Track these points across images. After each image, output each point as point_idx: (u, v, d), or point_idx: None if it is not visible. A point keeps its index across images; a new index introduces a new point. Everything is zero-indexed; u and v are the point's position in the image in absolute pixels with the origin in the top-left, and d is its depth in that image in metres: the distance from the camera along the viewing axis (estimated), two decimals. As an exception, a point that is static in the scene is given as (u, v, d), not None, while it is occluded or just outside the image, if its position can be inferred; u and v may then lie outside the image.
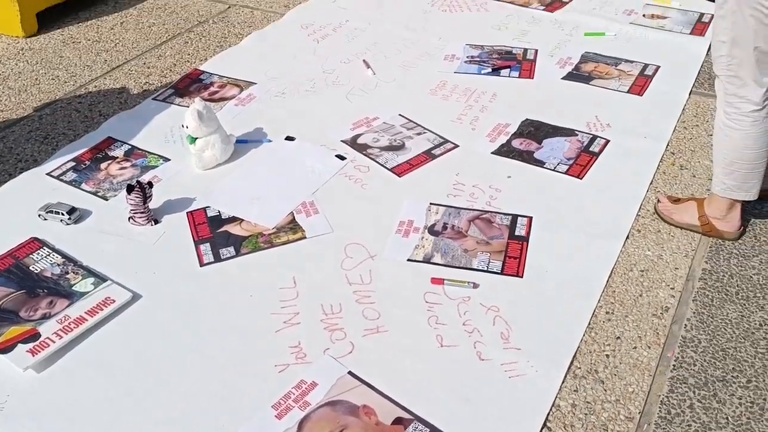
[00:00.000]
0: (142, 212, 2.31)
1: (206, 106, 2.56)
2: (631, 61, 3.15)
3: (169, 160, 2.65)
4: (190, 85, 3.15)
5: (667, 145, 2.64)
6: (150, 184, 2.32)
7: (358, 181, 2.49)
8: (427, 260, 2.15)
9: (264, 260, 2.17)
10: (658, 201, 2.33)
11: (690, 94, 2.93)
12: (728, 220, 2.18)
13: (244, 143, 2.71)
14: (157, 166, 2.62)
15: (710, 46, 2.11)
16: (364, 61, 3.24)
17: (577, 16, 3.55)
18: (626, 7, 3.63)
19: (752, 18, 1.82)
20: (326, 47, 3.39)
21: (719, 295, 2.02)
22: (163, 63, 3.36)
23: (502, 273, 2.09)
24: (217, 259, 2.18)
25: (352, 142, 2.70)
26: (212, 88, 3.11)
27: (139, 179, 2.40)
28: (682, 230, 2.25)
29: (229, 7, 3.90)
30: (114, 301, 2.00)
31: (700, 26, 3.40)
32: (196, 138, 2.55)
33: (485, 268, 2.10)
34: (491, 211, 2.32)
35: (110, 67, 3.35)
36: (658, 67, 3.09)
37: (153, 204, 2.35)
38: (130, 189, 2.26)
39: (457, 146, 2.65)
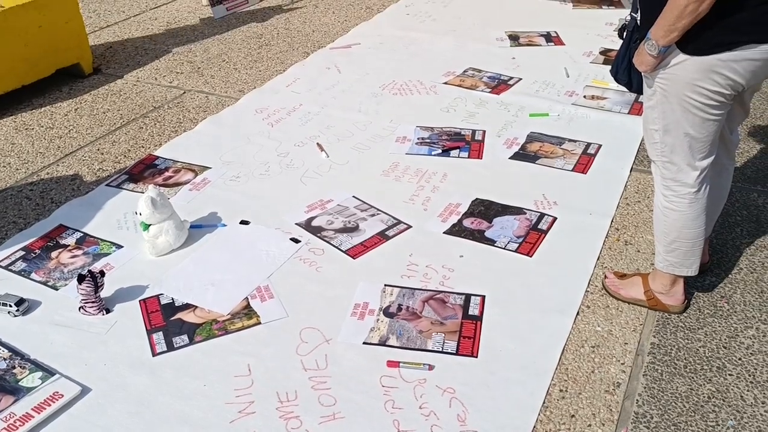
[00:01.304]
0: (93, 302, 2.27)
1: (160, 192, 2.57)
2: (575, 141, 3.28)
3: (122, 246, 2.64)
4: (144, 170, 3.17)
5: (612, 221, 2.74)
6: (102, 273, 2.30)
7: (312, 264, 2.51)
8: (382, 343, 2.16)
9: (218, 348, 2.15)
10: (605, 277, 2.40)
11: (631, 171, 3.06)
12: (672, 294, 2.25)
13: (198, 228, 2.72)
14: (109, 254, 2.60)
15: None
16: (317, 144, 3.31)
17: (522, 98, 3.70)
18: (567, 88, 3.81)
19: (680, 107, 1.92)
20: (280, 131, 3.46)
21: (668, 369, 2.07)
22: (117, 149, 3.38)
23: (457, 353, 2.11)
24: (170, 348, 2.15)
25: (307, 225, 2.73)
26: (167, 173, 3.13)
27: (91, 268, 2.38)
28: (629, 305, 2.31)
29: (184, 93, 3.96)
30: (62, 396, 1.95)
31: (637, 106, 3.58)
32: (150, 225, 2.55)
33: (440, 349, 2.12)
34: (445, 291, 2.36)
35: (63, 153, 3.35)
36: (600, 145, 3.23)
37: (105, 293, 2.33)
38: (81, 278, 2.24)
39: (410, 227, 2.71)
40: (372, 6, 5.29)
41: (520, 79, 3.93)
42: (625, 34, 2.09)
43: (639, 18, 1.97)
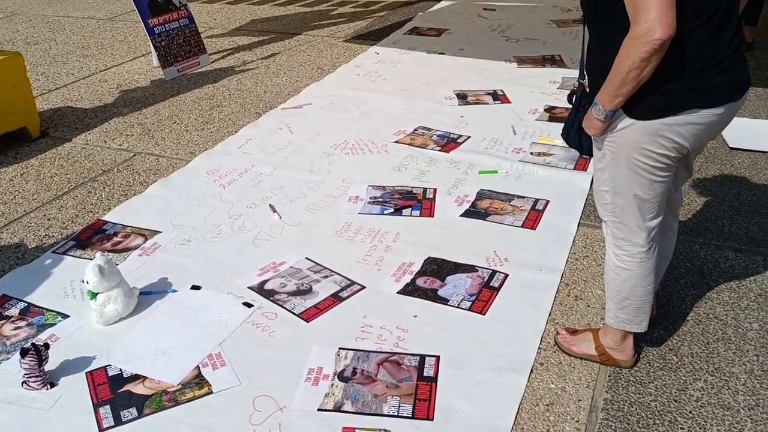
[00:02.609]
0: (36, 376, 2.20)
1: (108, 260, 2.52)
2: (523, 197, 3.36)
3: (68, 316, 2.57)
4: (92, 236, 3.11)
5: (562, 276, 2.78)
6: (46, 346, 2.23)
7: (266, 329, 2.48)
8: (337, 408, 2.13)
9: (168, 420, 2.09)
10: (557, 333, 2.43)
11: (578, 226, 3.13)
12: (623, 349, 2.29)
13: (147, 295, 2.67)
14: (54, 324, 2.53)
15: (593, 181, 2.26)
16: (270, 205, 3.31)
17: (471, 156, 3.78)
18: (515, 145, 3.91)
19: (628, 169, 1.98)
20: (232, 192, 3.45)
21: (622, 426, 2.09)
22: (64, 214, 3.32)
23: (413, 417, 2.09)
24: (118, 422, 2.08)
25: (260, 289, 2.70)
26: (116, 239, 3.08)
27: (35, 341, 2.31)
28: (582, 360, 2.34)
29: (134, 155, 3.93)
30: (2, 479, 1.86)
31: (582, 162, 3.69)
32: (97, 293, 2.49)
33: (396, 413, 2.10)
34: (399, 353, 2.35)
35: (8, 220, 3.27)
36: (548, 201, 3.31)
37: (49, 366, 2.25)
38: (24, 352, 2.16)
39: (363, 287, 2.70)
40: (323, 66, 5.38)
41: (469, 137, 4.02)
42: (573, 99, 2.16)
43: (586, 83, 2.05)
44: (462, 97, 4.65)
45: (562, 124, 2.27)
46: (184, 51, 5.33)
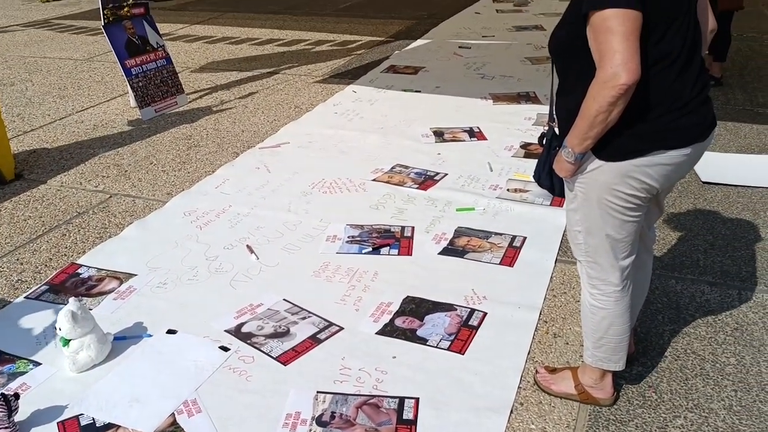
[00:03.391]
0: (6, 427, 2.14)
1: (81, 305, 2.48)
2: (500, 234, 3.37)
3: (40, 364, 2.52)
4: (66, 280, 3.07)
5: (540, 313, 2.79)
6: (16, 396, 2.18)
7: (242, 374, 2.44)
8: (315, 455, 2.09)
9: (142, 471, 2.04)
10: (537, 372, 2.42)
11: (555, 262, 3.15)
12: (602, 387, 2.29)
13: (122, 340, 2.63)
14: (26, 372, 2.48)
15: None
16: (247, 246, 3.30)
17: (449, 193, 3.80)
18: (492, 182, 3.93)
19: (600, 210, 2.00)
20: (209, 234, 3.43)
21: (602, 465, 2.08)
22: (37, 258, 3.27)
23: (392, 462, 2.06)
24: (90, 474, 2.03)
25: (236, 332, 2.67)
26: (90, 282, 3.04)
27: (4, 391, 2.25)
28: (561, 399, 2.32)
29: (110, 197, 3.91)
30: None
31: (558, 198, 3.72)
32: (70, 339, 2.45)
33: (375, 458, 2.07)
34: (378, 396, 2.33)
35: (-21, 265, 3.22)
36: (525, 238, 3.33)
37: (19, 416, 2.20)
38: (-7, 404, 2.11)
39: (341, 329, 2.68)
40: (300, 105, 5.41)
41: (446, 174, 4.05)
42: (544, 141, 2.19)
43: (556, 126, 2.08)
44: (439, 134, 4.69)
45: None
46: (161, 91, 5.34)
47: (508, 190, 3.84)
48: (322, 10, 9.64)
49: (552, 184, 2.16)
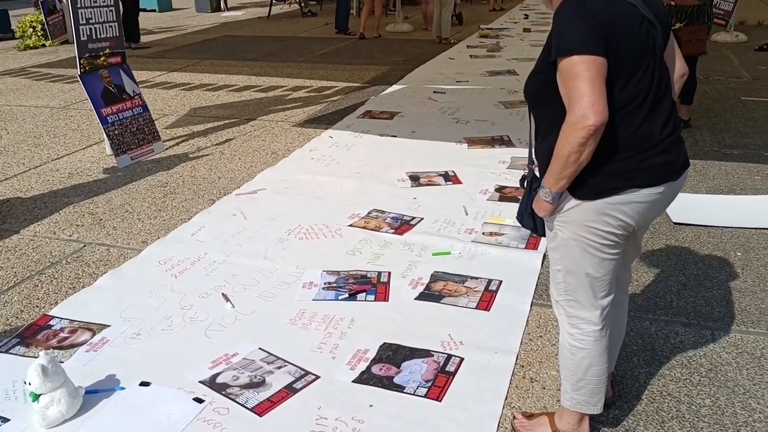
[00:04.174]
0: (-29, 488, 2.08)
1: (52, 358, 2.44)
2: (476, 278, 3.39)
3: (9, 420, 2.46)
4: (37, 332, 3.02)
5: (517, 358, 2.79)
6: (-17, 455, 2.12)
7: (217, 426, 2.41)
8: None
9: None
10: (514, 418, 2.41)
11: (531, 305, 3.16)
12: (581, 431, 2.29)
13: (94, 393, 2.58)
14: (-6, 429, 2.42)
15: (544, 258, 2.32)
16: (222, 294, 3.27)
17: (425, 238, 3.82)
18: (467, 226, 3.97)
19: (578, 248, 2.04)
20: (184, 282, 3.41)
21: None
22: (8, 310, 3.22)
23: None
24: None
25: (211, 382, 2.64)
26: (62, 334, 2.99)
27: (-29, 450, 2.19)
28: (539, 445, 2.31)
29: (84, 246, 3.87)
30: None
31: (533, 241, 3.76)
32: (40, 394, 2.40)
33: None
34: (355, 446, 2.30)
35: (-52, 318, 3.16)
36: (501, 281, 3.34)
37: (-15, 476, 2.13)
38: (-42, 464, 2.05)
39: (318, 377, 2.66)
40: (277, 151, 5.44)
41: (422, 218, 4.07)
42: (525, 182, 2.24)
43: (536, 169, 2.14)
44: (414, 178, 4.73)
45: (513, 203, 2.33)
46: (137, 139, 5.34)
47: (483, 233, 3.87)
48: (299, 56, 9.77)
49: (534, 224, 2.21)
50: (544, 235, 2.20)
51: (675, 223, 3.95)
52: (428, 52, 9.72)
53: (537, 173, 2.14)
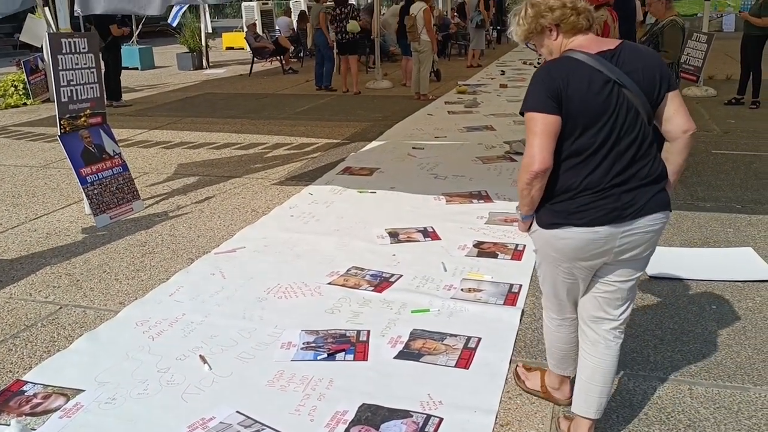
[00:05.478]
0: None
1: (23, 426, 2.41)
2: (455, 335, 3.39)
3: (-23, 492, 2.39)
4: (10, 398, 2.96)
5: (496, 417, 2.77)
6: None
7: (192, 494, 2.36)
8: None
9: None
10: (518, 366, 3.03)
11: (510, 362, 3.16)
12: (561, 391, 2.81)
13: (66, 462, 2.52)
14: (-39, 502, 2.35)
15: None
16: (200, 356, 3.24)
17: (404, 295, 3.83)
18: (446, 282, 3.99)
19: (545, 260, 2.51)
20: (161, 344, 3.37)
21: None
22: (-20, 376, 3.16)
23: None
24: None
25: (187, 448, 2.59)
26: (35, 400, 2.94)
27: None
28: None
29: (60, 308, 3.83)
30: None
31: (511, 296, 3.78)
32: (11, 465, 2.35)
33: None
34: None
35: None
36: (480, 339, 3.35)
37: None
38: None
39: (296, 441, 2.63)
40: (257, 209, 5.47)
41: (401, 275, 4.09)
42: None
43: None
44: (394, 235, 4.77)
45: (491, 259, 3.57)
46: (117, 198, 5.35)
47: (462, 290, 3.89)
48: (280, 113, 9.90)
49: None
50: None
51: (651, 277, 4.00)
52: (407, 108, 9.90)
53: None
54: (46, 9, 7.40)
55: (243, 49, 18.65)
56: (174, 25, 17.69)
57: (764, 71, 9.19)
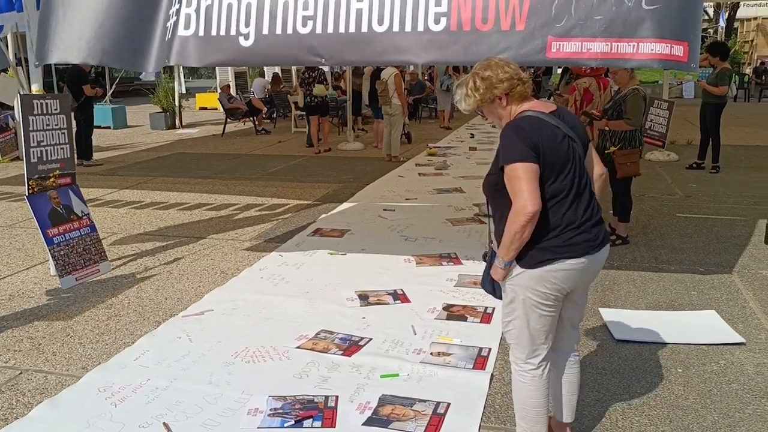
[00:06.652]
0: None
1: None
2: (424, 401, 3.36)
3: None
4: (-38, 470, 2.85)
5: (465, 485, 2.74)
6: None
7: None
8: None
9: None
10: None
11: (479, 428, 3.14)
12: None
13: None
14: None
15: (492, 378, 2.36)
16: (164, 424, 3.17)
17: (373, 359, 3.81)
18: (415, 346, 3.97)
19: (522, 305, 2.64)
20: (124, 411, 3.29)
21: None
22: (-67, 446, 3.04)
23: None
24: None
25: None
26: (-11, 472, 2.84)
27: None
28: None
29: (20, 374, 3.73)
30: None
31: (480, 360, 3.78)
32: None
33: None
34: None
35: None
36: (449, 404, 3.32)
37: None
38: None
39: None
40: (226, 271, 5.44)
41: (371, 339, 4.07)
42: (487, 257, 2.84)
43: (495, 246, 2.70)
44: (364, 297, 4.76)
45: (460, 322, 3.68)
46: (83, 259, 5.29)
47: (431, 353, 3.88)
48: (252, 174, 9.94)
49: (493, 288, 2.80)
50: (501, 298, 2.78)
51: (617, 340, 4.03)
52: (379, 169, 10.01)
53: (496, 250, 2.67)
54: (20, 69, 7.44)
55: (216, 109, 18.79)
56: (150, 80, 17.79)
57: (723, 137, 9.51)
